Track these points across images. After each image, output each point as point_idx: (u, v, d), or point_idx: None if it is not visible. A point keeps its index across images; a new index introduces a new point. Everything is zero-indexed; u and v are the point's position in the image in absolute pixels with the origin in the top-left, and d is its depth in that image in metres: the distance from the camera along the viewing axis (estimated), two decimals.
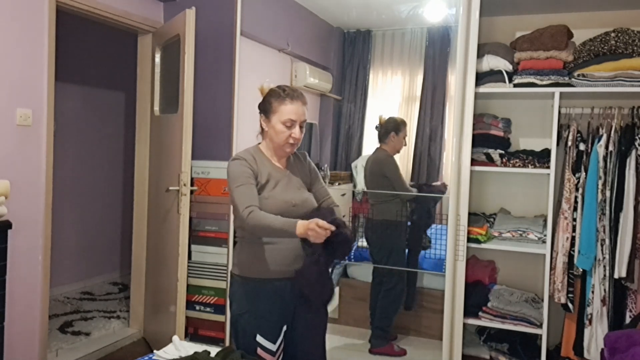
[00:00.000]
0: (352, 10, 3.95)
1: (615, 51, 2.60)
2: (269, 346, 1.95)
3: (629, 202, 2.52)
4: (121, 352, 3.40)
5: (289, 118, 1.94)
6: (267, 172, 1.97)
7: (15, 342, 2.63)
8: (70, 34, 4.15)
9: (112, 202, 4.94)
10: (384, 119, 3.47)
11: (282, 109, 1.95)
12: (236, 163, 1.95)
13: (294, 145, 1.99)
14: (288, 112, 1.94)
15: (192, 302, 3.29)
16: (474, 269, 3.04)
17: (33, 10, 2.68)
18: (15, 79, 2.61)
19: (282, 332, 1.99)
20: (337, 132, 4.21)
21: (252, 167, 1.94)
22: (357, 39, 4.13)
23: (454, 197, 2.73)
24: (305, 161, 2.16)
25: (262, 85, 2.04)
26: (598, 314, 2.59)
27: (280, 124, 1.95)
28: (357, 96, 4.15)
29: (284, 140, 1.96)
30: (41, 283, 2.79)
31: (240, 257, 2.02)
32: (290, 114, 1.94)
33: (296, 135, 1.96)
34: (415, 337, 3.46)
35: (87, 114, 4.63)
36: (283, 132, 1.95)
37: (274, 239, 1.93)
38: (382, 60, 4.10)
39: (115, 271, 4.99)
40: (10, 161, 2.60)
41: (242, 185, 1.89)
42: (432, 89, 3.91)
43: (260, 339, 1.94)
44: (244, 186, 1.89)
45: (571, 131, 2.72)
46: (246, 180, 1.90)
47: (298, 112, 1.95)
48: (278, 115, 1.95)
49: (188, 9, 3.01)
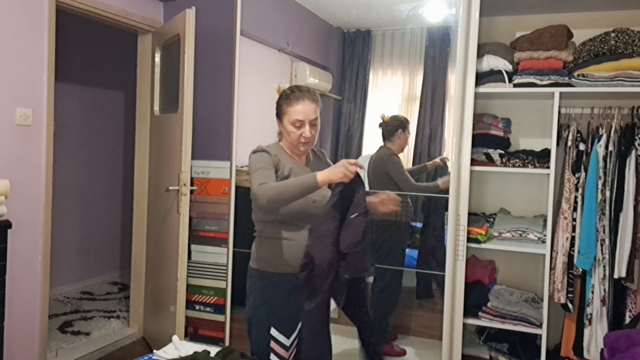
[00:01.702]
0: (352, 10, 3.95)
1: (615, 51, 2.60)
2: (282, 340, 1.97)
3: (629, 202, 2.52)
4: (121, 352, 3.40)
5: (296, 119, 1.97)
6: (289, 167, 2.00)
7: (15, 341, 2.64)
8: (70, 34, 4.15)
9: (112, 202, 4.94)
10: (387, 117, 3.46)
11: (289, 110, 1.99)
12: (257, 154, 1.98)
13: (308, 144, 2.02)
14: (295, 112, 1.97)
15: (192, 301, 3.30)
16: (474, 268, 3.04)
17: (33, 10, 2.68)
18: (15, 79, 2.61)
19: (297, 328, 1.99)
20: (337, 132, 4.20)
21: (273, 158, 1.97)
22: (357, 39, 4.13)
23: (454, 197, 2.73)
24: (324, 159, 2.21)
25: (279, 86, 2.08)
26: (598, 314, 2.59)
27: (290, 125, 1.99)
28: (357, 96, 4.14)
29: (296, 140, 2.00)
30: (41, 283, 2.79)
31: (259, 251, 2.05)
32: (297, 115, 1.97)
33: (307, 135, 1.99)
34: (415, 337, 3.45)
35: (87, 114, 4.63)
36: (294, 133, 1.99)
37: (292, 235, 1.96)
38: (382, 60, 4.10)
39: (115, 271, 4.99)
40: (10, 161, 2.60)
41: (259, 169, 1.91)
42: (432, 89, 3.91)
43: (274, 332, 1.97)
44: (261, 169, 1.91)
45: (571, 131, 2.72)
46: (264, 165, 1.92)
47: (305, 112, 1.98)
48: (287, 117, 2.00)
49: (188, 9, 3.01)
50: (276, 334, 1.97)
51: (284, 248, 1.98)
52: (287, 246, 1.98)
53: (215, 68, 3.30)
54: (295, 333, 2.00)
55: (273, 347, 1.97)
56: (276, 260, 1.99)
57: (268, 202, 1.81)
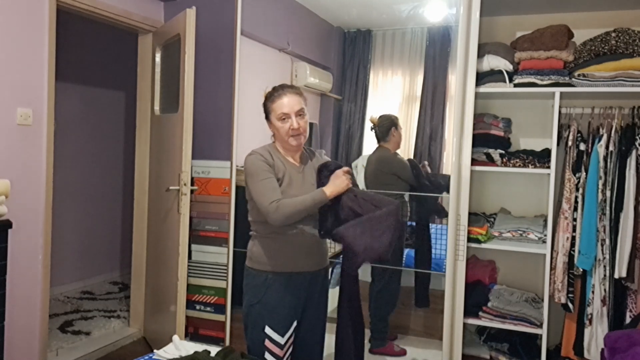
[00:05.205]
0: (353, 10, 3.95)
1: (616, 51, 2.60)
2: (277, 338, 1.99)
3: (629, 202, 2.52)
4: (121, 352, 3.40)
5: (281, 112, 2.00)
6: (283, 168, 2.02)
7: (15, 341, 2.64)
8: (71, 34, 4.15)
9: (112, 202, 4.94)
10: (376, 118, 3.46)
11: (274, 107, 2.02)
12: (252, 158, 2.00)
13: (298, 136, 2.02)
14: (280, 106, 2.00)
15: (192, 301, 3.30)
16: (474, 268, 3.04)
17: (33, 10, 2.68)
18: (16, 79, 2.61)
19: (292, 326, 2.02)
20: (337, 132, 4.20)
21: (268, 161, 1.98)
22: (357, 39, 4.12)
23: (454, 196, 2.73)
24: (321, 157, 2.21)
25: (265, 91, 2.11)
26: (598, 314, 2.59)
27: (277, 120, 2.01)
28: (357, 96, 4.14)
29: (286, 134, 2.01)
30: (41, 282, 2.79)
31: (253, 250, 2.07)
32: (282, 108, 2.00)
33: (294, 125, 1.99)
34: (415, 337, 3.45)
35: (87, 113, 4.63)
36: (282, 127, 2.00)
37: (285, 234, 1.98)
38: (382, 59, 4.09)
39: (116, 270, 4.99)
40: (10, 161, 2.60)
41: (263, 179, 1.94)
42: (433, 89, 3.90)
43: (268, 331, 1.99)
44: (265, 180, 1.94)
45: (571, 131, 2.72)
46: (266, 175, 1.95)
47: (290, 104, 2.00)
48: (273, 113, 2.03)
49: (188, 9, 3.01)
50: (271, 332, 1.99)
51: (279, 247, 2.01)
52: (282, 244, 2.00)
53: (216, 68, 3.30)
54: (290, 331, 2.02)
55: (268, 345, 1.99)
56: (271, 259, 2.01)
57: (284, 220, 1.90)
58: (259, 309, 2.01)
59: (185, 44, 3.00)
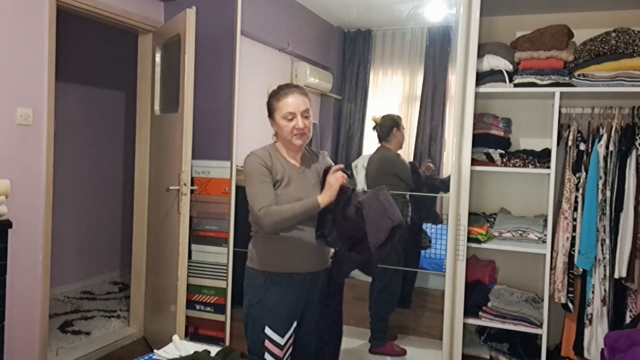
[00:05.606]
0: (353, 10, 3.95)
1: (616, 51, 2.60)
2: (276, 339, 1.99)
3: (629, 202, 2.52)
4: (121, 352, 3.40)
5: (287, 111, 1.99)
6: (282, 169, 2.01)
7: (15, 341, 2.64)
8: (71, 34, 4.15)
9: (112, 202, 4.94)
10: (378, 118, 3.46)
11: (279, 105, 2.01)
12: (250, 160, 2.00)
13: (302, 136, 2.02)
14: (285, 106, 1.99)
15: (192, 301, 3.30)
16: (474, 268, 3.04)
17: (33, 10, 2.68)
18: (16, 79, 2.61)
19: (292, 327, 2.02)
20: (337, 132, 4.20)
21: (267, 163, 1.98)
22: (357, 39, 4.12)
23: (454, 196, 2.73)
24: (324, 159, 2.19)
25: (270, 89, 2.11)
26: (598, 314, 2.59)
27: (282, 119, 2.00)
28: (357, 96, 4.14)
29: (289, 133, 2.00)
30: (41, 282, 2.79)
31: (254, 250, 2.07)
32: (288, 107, 1.99)
33: (299, 125, 1.99)
34: (415, 337, 3.45)
35: (87, 113, 4.63)
36: (287, 126, 2.00)
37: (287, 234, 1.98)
38: (382, 59, 4.09)
39: (116, 270, 4.99)
40: (10, 161, 2.60)
41: (258, 183, 1.94)
42: (433, 89, 3.90)
43: (268, 331, 1.99)
44: (259, 185, 1.94)
45: (571, 131, 2.72)
46: (262, 179, 1.95)
47: (296, 103, 1.99)
48: (278, 112, 2.01)
49: (188, 9, 3.01)
50: (270, 332, 1.99)
51: (279, 247, 2.00)
52: (282, 245, 2.00)
53: (216, 68, 3.29)
54: (290, 332, 2.02)
55: (267, 345, 1.99)
56: (271, 259, 2.01)
57: (273, 227, 1.92)
58: (259, 310, 2.01)
59: (185, 44, 3.00)
